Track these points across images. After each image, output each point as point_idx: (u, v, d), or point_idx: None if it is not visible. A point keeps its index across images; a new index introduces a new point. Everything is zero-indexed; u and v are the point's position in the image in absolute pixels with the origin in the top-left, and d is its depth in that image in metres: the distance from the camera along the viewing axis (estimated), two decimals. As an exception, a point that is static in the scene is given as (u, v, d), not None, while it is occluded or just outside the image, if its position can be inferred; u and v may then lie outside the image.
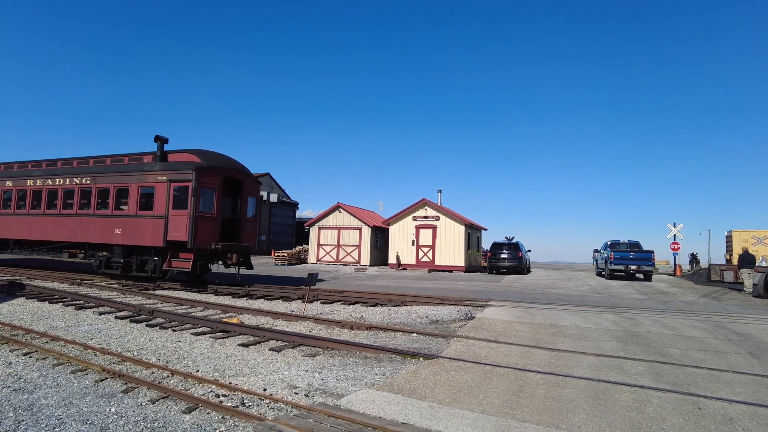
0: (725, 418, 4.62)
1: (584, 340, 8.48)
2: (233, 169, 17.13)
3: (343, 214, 34.40)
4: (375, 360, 7.01)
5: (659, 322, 10.83)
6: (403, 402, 4.88)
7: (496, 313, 11.50)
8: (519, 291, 18.34)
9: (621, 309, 13.16)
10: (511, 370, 6.19)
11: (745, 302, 16.30)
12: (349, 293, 15.20)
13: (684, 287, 22.05)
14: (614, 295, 17.31)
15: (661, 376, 6.14)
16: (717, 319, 11.56)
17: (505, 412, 4.65)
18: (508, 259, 29.87)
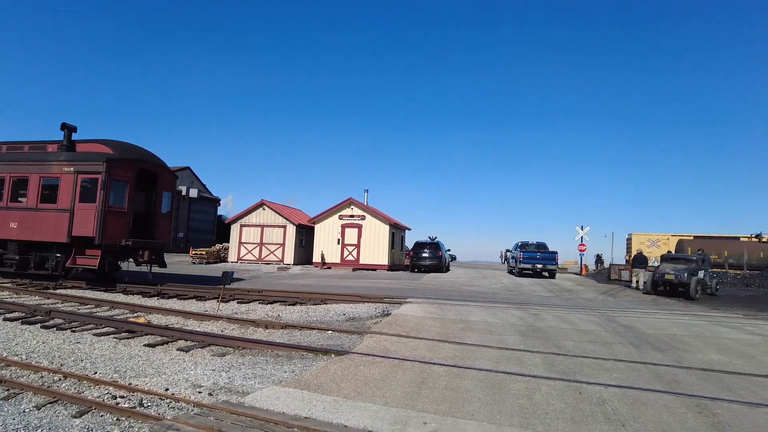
0: (600, 400, 5.13)
1: (490, 334, 8.99)
2: (148, 162, 16.30)
3: (267, 211, 33.73)
4: (286, 358, 7.02)
5: (560, 317, 11.68)
6: (309, 397, 4.96)
7: (411, 309, 11.86)
8: (436, 289, 18.97)
9: (528, 305, 14.03)
10: (417, 364, 6.46)
11: (636, 299, 17.97)
12: (268, 292, 14.99)
13: (587, 285, 23.85)
14: (524, 293, 18.40)
15: (553, 366, 6.67)
16: (610, 314, 12.66)
17: (406, 403, 4.86)
18: (429, 258, 30.74)
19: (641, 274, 21.27)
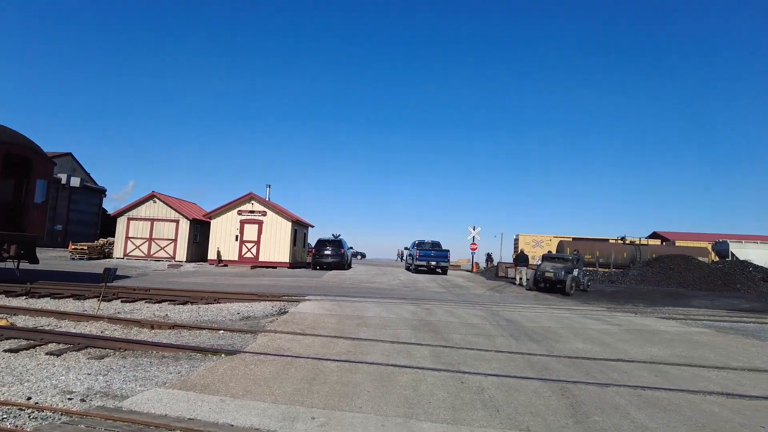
0: (479, 388, 5.54)
1: (384, 329, 9.27)
2: (18, 145, 14.58)
3: (159, 204, 31.64)
4: (173, 359, 6.70)
5: (450, 312, 12.34)
6: (194, 398, 4.80)
7: (309, 307, 11.84)
8: (337, 286, 19.10)
9: (422, 301, 14.64)
10: (310, 360, 6.50)
11: (520, 294, 19.49)
12: (156, 291, 14.12)
13: (477, 282, 25.40)
14: (419, 289, 19.15)
15: (440, 358, 7.06)
16: (495, 309, 13.62)
17: (296, 400, 4.89)
18: (331, 255, 30.83)
19: (523, 272, 23.11)
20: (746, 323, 12.99)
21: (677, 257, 30.38)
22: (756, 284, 25.92)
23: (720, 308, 17.48)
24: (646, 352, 8.20)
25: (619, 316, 13.35)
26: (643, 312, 14.87)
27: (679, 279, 27.27)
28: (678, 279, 27.29)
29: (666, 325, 11.87)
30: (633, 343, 9.01)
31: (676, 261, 29.44)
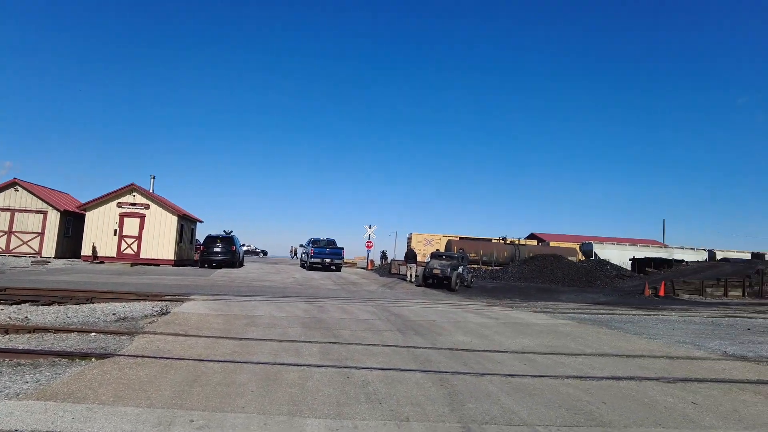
0: (364, 382, 5.70)
1: (274, 328, 9.14)
2: None
3: (22, 193, 28.12)
4: (31, 366, 6.02)
5: (342, 308, 12.48)
6: (54, 409, 4.38)
7: (194, 306, 11.29)
8: (226, 284, 18.40)
9: (315, 299, 14.63)
10: (192, 362, 6.22)
11: (410, 291, 20.26)
12: (14, 290, 12.59)
13: (371, 279, 25.92)
14: (313, 286, 19.11)
15: (328, 354, 7.13)
16: (385, 305, 14.02)
17: (174, 403, 4.67)
18: (221, 252, 29.56)
19: (412, 269, 24.08)
20: (602, 315, 14.72)
21: (550, 256, 33.50)
22: (612, 280, 29.43)
23: (583, 302, 19.61)
24: (519, 343, 8.96)
25: (498, 310, 14.43)
26: (518, 306, 16.21)
27: (551, 276, 30.11)
28: (550, 276, 30.11)
29: (537, 318, 13.07)
30: (508, 335, 9.81)
31: (549, 260, 32.45)
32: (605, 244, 46.34)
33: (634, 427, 4.64)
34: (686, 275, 30.27)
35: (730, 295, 26.13)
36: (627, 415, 4.99)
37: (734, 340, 10.54)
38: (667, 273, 31.37)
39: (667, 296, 24.44)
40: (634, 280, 29.96)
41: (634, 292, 25.52)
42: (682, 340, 10.23)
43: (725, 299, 24.97)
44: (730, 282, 27.25)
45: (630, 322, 13.22)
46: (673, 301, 22.34)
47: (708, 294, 25.72)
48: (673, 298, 24.18)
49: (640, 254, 41.18)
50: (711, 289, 26.30)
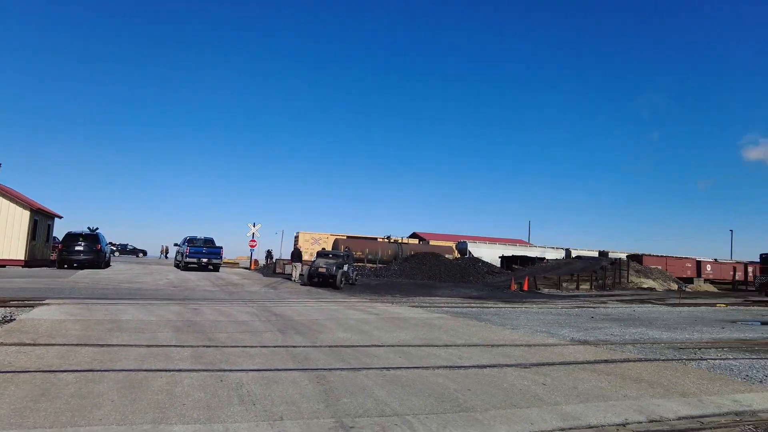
0: (238, 384, 5.56)
1: (142, 333, 8.50)
2: None
3: None
4: None
5: (220, 310, 11.98)
6: None
7: (47, 312, 10.10)
8: (88, 287, 16.67)
9: (190, 301, 13.86)
10: (40, 374, 5.57)
11: (294, 290, 20.05)
12: None
13: (253, 279, 25.17)
14: (189, 288, 18.06)
15: (202, 358, 6.82)
16: (268, 305, 13.73)
17: (13, 422, 4.15)
18: (84, 252, 26.69)
19: (298, 268, 23.88)
20: (472, 308, 15.87)
21: (429, 254, 35.25)
22: (483, 276, 31.80)
23: (457, 296, 20.95)
24: (396, 337, 9.34)
25: (379, 306, 14.88)
26: (398, 302, 16.85)
27: (430, 273, 31.70)
28: (429, 273, 31.68)
29: (414, 312, 13.70)
30: (386, 330, 10.17)
31: (428, 258, 34.14)
32: (479, 243, 49.91)
33: (493, 410, 5.10)
34: (546, 271, 33.73)
35: (581, 288, 29.66)
36: (488, 399, 5.47)
37: (580, 328, 12.01)
38: (531, 269, 34.69)
39: (530, 290, 27.03)
40: (502, 276, 32.67)
41: (502, 287, 27.84)
42: (539, 330, 11.40)
43: (577, 292, 28.26)
44: (581, 277, 30.92)
45: (497, 314, 14.42)
46: (535, 295, 24.76)
47: (564, 288, 28.94)
48: (535, 291, 26.80)
49: (508, 252, 44.98)
50: (566, 283, 29.62)
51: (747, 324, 14.82)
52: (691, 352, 9.10)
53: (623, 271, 34.90)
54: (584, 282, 30.73)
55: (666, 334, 11.62)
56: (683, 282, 40.43)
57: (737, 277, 47.93)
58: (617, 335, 10.99)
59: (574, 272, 32.28)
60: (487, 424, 4.64)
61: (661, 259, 46.42)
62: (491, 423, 4.67)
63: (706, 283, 45.24)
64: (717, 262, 51.88)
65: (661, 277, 38.14)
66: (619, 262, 36.61)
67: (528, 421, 4.76)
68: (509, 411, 5.07)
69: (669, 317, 15.81)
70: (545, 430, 4.56)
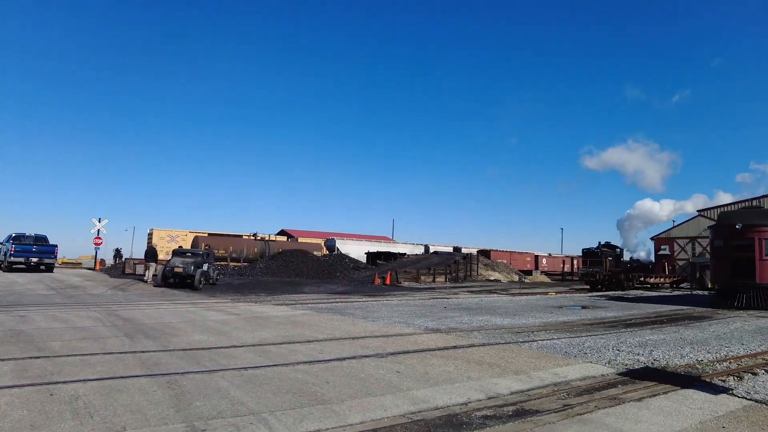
0: (73, 397, 5.01)
1: (-53, 347, 7.20)
2: None
3: None
4: None
5: (55, 316, 10.63)
6: None
7: None
8: None
9: (17, 307, 12.07)
10: None
11: (146, 291, 18.48)
12: None
13: (98, 280, 22.66)
14: (16, 292, 15.69)
15: (27, 371, 6.00)
16: (114, 308, 12.50)
17: None
18: None
19: (152, 268, 22.06)
20: (337, 303, 16.16)
21: (297, 251, 34.96)
22: (349, 272, 32.46)
23: (323, 293, 21.12)
24: (257, 336, 9.15)
25: (241, 306, 14.41)
26: (263, 301, 16.48)
27: (298, 270, 31.47)
28: (296, 270, 31.44)
29: (279, 310, 13.53)
30: (247, 330, 9.91)
31: (296, 255, 33.85)
32: (346, 239, 50.79)
33: (349, 400, 5.28)
34: (407, 266, 35.54)
35: (437, 281, 31.82)
36: (345, 390, 5.65)
37: (434, 317, 12.92)
38: (393, 264, 36.25)
39: (393, 284, 28.29)
40: (367, 272, 33.67)
41: (367, 282, 28.71)
42: (398, 320, 12.02)
43: (434, 284, 30.27)
44: (437, 270, 33.14)
45: (360, 308, 14.86)
46: (396, 288, 25.98)
47: (422, 281, 30.77)
48: (397, 285, 28.12)
49: (373, 249, 46.44)
50: (424, 277, 31.53)
51: (570, 309, 17.23)
52: (526, 335, 10.33)
53: (474, 264, 38.20)
54: (440, 275, 33.03)
55: (507, 320, 13.02)
56: (524, 274, 45.49)
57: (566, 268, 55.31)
58: (466, 323, 12.04)
59: (431, 266, 34.49)
60: (343, 414, 4.81)
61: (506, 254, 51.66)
62: (347, 413, 4.84)
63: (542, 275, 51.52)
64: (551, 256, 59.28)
65: (505, 270, 42.49)
66: (470, 256, 39.95)
67: (381, 408, 5.03)
68: (365, 400, 5.30)
69: (510, 305, 17.72)
70: (397, 414, 4.86)
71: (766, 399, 5.99)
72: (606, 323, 13.07)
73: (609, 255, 44.48)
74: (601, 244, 47.12)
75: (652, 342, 9.85)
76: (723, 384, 6.59)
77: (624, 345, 9.31)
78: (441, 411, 5.02)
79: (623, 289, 29.95)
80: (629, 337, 10.36)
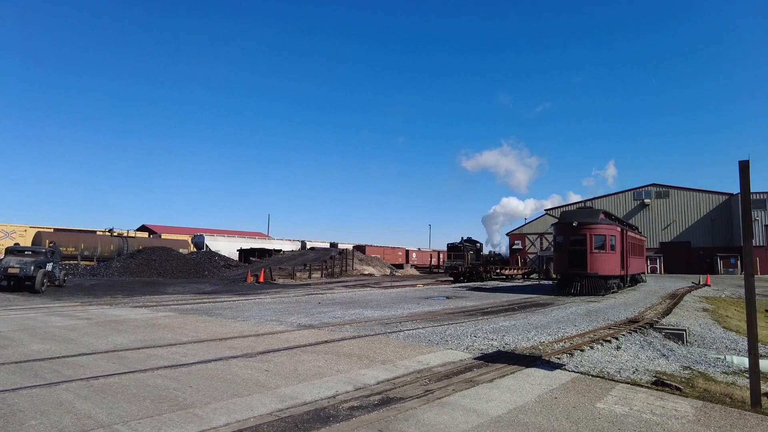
0: None
1: None
2: None
3: None
4: None
5: None
6: None
7: None
8: None
9: None
10: None
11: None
12: None
13: None
14: None
15: None
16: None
17: None
18: None
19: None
20: (204, 304, 15.35)
21: (160, 249, 32.44)
22: (220, 270, 31.02)
23: (189, 293, 19.90)
24: (112, 342, 8.36)
25: (93, 310, 13.01)
26: (119, 303, 15.04)
27: (161, 269, 29.23)
28: (159, 269, 29.18)
29: (137, 313, 12.47)
30: (100, 336, 9.00)
31: (159, 252, 31.40)
32: (217, 236, 48.33)
33: (214, 403, 5.09)
34: (282, 262, 34.95)
35: (313, 277, 31.76)
36: (210, 393, 5.43)
37: (308, 313, 12.92)
38: (268, 261, 35.42)
39: (267, 281, 27.62)
40: (240, 269, 32.43)
41: (239, 280, 27.65)
42: (269, 318, 11.80)
43: (309, 281, 30.17)
44: (313, 266, 33.08)
45: (229, 308, 14.29)
46: (270, 286, 25.41)
47: (298, 277, 30.48)
48: (271, 282, 27.51)
49: (247, 245, 44.87)
50: (300, 273, 31.27)
51: (435, 299, 18.38)
52: (394, 326, 10.81)
53: (350, 260, 38.80)
54: (316, 271, 33.01)
55: (377, 312, 13.48)
56: (396, 268, 47.38)
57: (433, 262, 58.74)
58: (338, 317, 12.23)
59: (307, 262, 34.31)
60: (207, 417, 4.63)
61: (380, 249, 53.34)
62: (211, 416, 4.67)
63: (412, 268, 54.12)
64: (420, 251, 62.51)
65: (379, 264, 43.85)
66: (346, 252, 40.52)
67: (248, 408, 4.93)
68: (230, 401, 5.15)
69: (382, 298, 18.36)
70: (264, 413, 4.81)
71: (589, 371, 7.03)
72: (466, 312, 14.18)
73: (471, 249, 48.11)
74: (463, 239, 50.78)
75: (505, 328, 10.92)
76: (558, 361, 7.57)
77: (480, 332, 10.19)
78: (309, 406, 5.07)
79: (482, 281, 32.67)
80: (485, 324, 11.37)
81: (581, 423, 4.72)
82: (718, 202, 53.59)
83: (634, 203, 57.46)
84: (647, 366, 7.94)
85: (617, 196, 58.89)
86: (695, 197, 55.00)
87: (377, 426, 4.47)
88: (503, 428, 4.52)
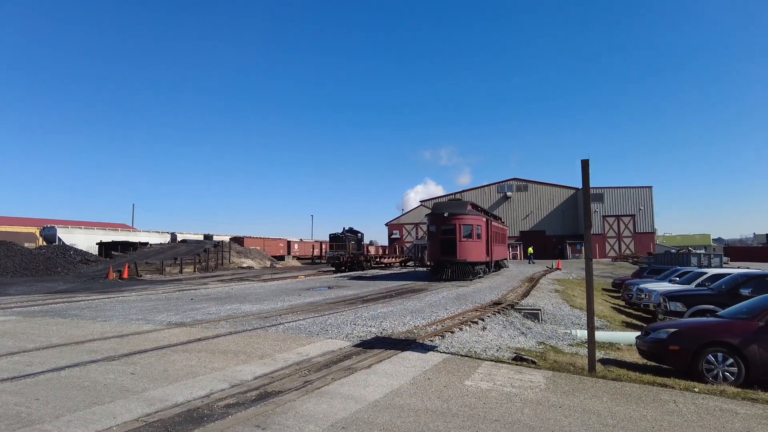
0: None
1: None
2: None
3: None
4: None
5: None
6: None
7: None
8: None
9: None
10: None
11: None
12: None
13: None
14: None
15: None
16: None
17: None
18: None
19: None
20: (57, 304, 13.66)
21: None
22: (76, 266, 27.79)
23: (38, 293, 17.56)
24: (-69, 355, 7.09)
25: None
26: (-58, 309, 12.76)
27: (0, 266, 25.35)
28: (-3, 267, 25.29)
29: (-32, 319, 10.70)
30: None
31: (-4, 247, 27.20)
32: (72, 228, 43.08)
33: (68, 415, 4.58)
34: (149, 256, 32.30)
35: (185, 272, 29.84)
36: (63, 404, 4.88)
37: (178, 311, 12.14)
38: (132, 255, 32.48)
39: (131, 278, 25.33)
40: (99, 265, 29.32)
41: (98, 277, 25.01)
42: (135, 318, 10.88)
43: (181, 276, 28.29)
44: (185, 260, 31.08)
45: (88, 307, 12.90)
46: (136, 282, 23.36)
47: (167, 272, 28.40)
48: (137, 279, 25.30)
49: (108, 238, 40.65)
50: (170, 268, 29.18)
51: (317, 290, 18.38)
52: (273, 320, 10.61)
53: (226, 252, 37.07)
54: (188, 265, 31.05)
55: (256, 306, 13.12)
56: (277, 260, 46.36)
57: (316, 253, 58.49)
58: (213, 313, 11.68)
59: (178, 256, 32.09)
60: (59, 431, 4.16)
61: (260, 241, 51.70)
62: (63, 429, 4.20)
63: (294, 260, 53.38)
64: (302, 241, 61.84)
65: (258, 256, 42.53)
66: (222, 244, 38.63)
67: (110, 416, 4.52)
68: (88, 411, 4.68)
69: (261, 291, 17.89)
70: (129, 420, 4.45)
71: (459, 351, 7.58)
72: (347, 301, 14.40)
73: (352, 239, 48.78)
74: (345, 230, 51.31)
75: (383, 314, 11.31)
76: (431, 343, 8.05)
77: (360, 319, 10.44)
78: (181, 407, 4.80)
79: (363, 270, 33.38)
80: (365, 312, 11.66)
81: (451, 401, 5.09)
82: (567, 195, 60.79)
83: (498, 195, 62.93)
84: (509, 344, 8.78)
85: (483, 189, 64.04)
86: (549, 191, 61.81)
87: (254, 422, 4.39)
88: (380, 412, 4.70)
